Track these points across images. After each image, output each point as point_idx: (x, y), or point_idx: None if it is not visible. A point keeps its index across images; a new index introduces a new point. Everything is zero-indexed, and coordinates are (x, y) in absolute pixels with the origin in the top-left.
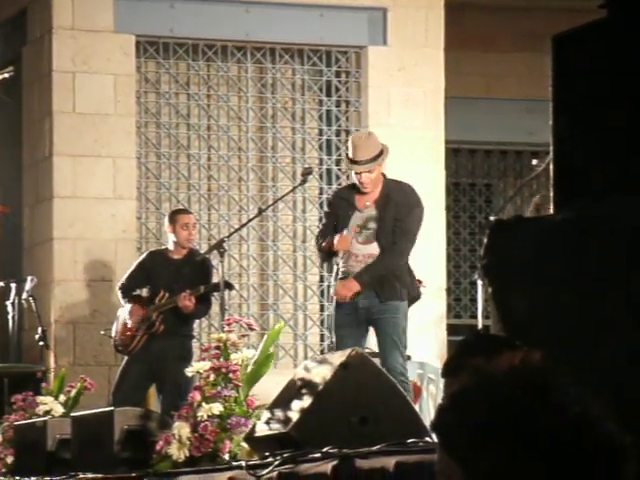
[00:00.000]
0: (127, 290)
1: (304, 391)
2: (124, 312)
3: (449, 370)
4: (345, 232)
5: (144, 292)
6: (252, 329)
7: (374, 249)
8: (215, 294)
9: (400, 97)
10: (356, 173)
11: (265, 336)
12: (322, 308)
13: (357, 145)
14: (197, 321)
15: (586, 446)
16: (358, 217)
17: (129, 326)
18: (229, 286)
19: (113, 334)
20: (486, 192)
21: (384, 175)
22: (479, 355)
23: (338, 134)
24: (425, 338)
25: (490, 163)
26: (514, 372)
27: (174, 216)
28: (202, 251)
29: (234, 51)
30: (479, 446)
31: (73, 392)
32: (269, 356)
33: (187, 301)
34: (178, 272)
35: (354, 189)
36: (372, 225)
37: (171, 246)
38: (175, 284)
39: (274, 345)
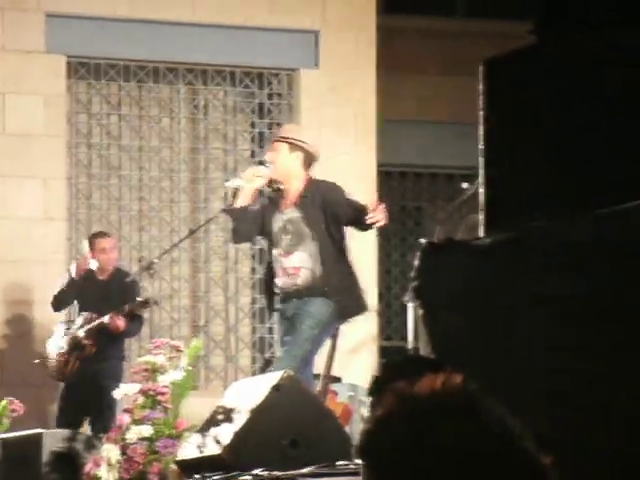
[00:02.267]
0: (60, 305)
1: (235, 413)
2: (55, 338)
3: (373, 392)
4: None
5: (73, 313)
6: (179, 351)
7: (298, 260)
8: (145, 315)
9: (332, 120)
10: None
11: (185, 355)
12: (254, 330)
13: (282, 126)
14: (127, 342)
15: (508, 467)
16: (279, 219)
17: (62, 352)
18: (155, 303)
19: (49, 360)
20: (416, 215)
21: (310, 178)
22: (402, 377)
23: None
24: (356, 360)
25: (421, 186)
26: (435, 395)
27: (92, 241)
28: (132, 272)
29: (166, 72)
30: (403, 469)
31: None
32: (189, 374)
33: (117, 321)
34: (105, 293)
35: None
36: (290, 228)
37: (94, 267)
38: (103, 305)
39: (203, 366)
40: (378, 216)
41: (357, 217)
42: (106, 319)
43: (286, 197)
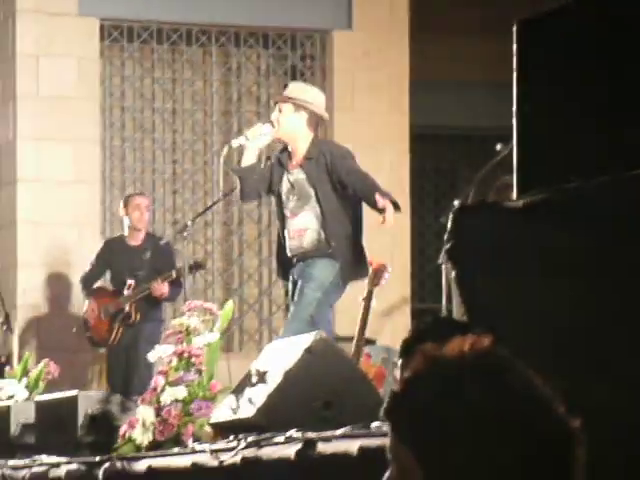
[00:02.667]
0: (88, 283)
1: (269, 375)
2: (92, 306)
3: (402, 354)
4: None
5: (107, 282)
6: (212, 314)
7: (304, 222)
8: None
9: (365, 82)
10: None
11: (219, 318)
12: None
13: (287, 85)
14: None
15: (537, 430)
16: (286, 180)
17: (103, 319)
18: (200, 266)
19: (85, 330)
20: (450, 177)
21: (316, 138)
22: (431, 340)
23: None
24: (389, 322)
25: (455, 148)
26: (463, 357)
27: (127, 199)
28: (165, 235)
29: (198, 35)
30: (430, 432)
31: (33, 375)
32: (221, 337)
33: (162, 289)
34: (139, 258)
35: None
36: (296, 189)
37: (126, 231)
38: (139, 271)
39: (237, 329)
40: (387, 215)
41: (364, 193)
42: (151, 287)
43: (292, 158)
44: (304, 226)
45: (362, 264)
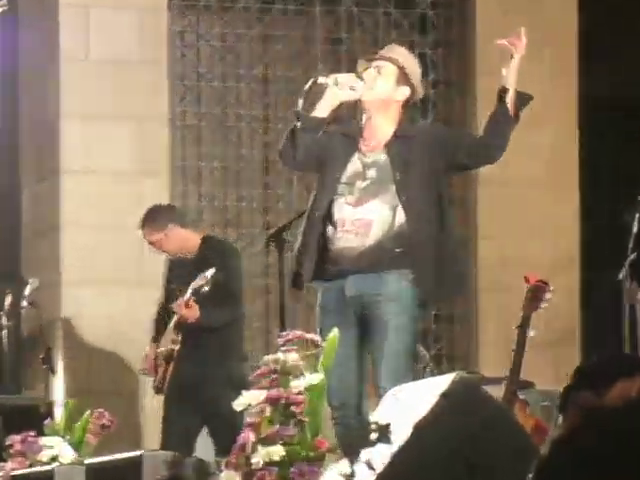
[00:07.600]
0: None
1: (392, 430)
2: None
3: (562, 406)
4: None
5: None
6: (317, 346)
7: (369, 212)
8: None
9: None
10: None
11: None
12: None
13: (390, 46)
14: (250, 335)
15: None
16: (357, 160)
17: (152, 357)
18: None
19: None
20: (630, 164)
21: (403, 115)
22: (588, 388)
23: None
24: (553, 358)
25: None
26: (628, 407)
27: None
28: (255, 240)
29: None
30: None
31: (77, 428)
32: (326, 375)
33: (183, 309)
34: (197, 270)
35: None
36: (371, 174)
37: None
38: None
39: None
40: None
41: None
42: (175, 305)
43: (369, 133)
44: (370, 217)
45: (447, 281)
